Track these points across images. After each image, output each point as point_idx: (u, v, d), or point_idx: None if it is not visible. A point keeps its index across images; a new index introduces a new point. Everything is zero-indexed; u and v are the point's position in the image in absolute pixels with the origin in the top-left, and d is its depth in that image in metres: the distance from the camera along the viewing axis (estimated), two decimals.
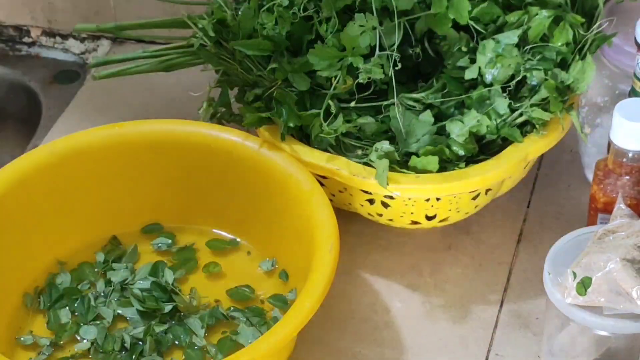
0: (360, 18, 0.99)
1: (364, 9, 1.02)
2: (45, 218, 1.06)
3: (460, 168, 1.00)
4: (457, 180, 0.98)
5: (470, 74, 1.01)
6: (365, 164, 0.99)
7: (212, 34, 1.03)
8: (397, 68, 1.00)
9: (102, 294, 1.04)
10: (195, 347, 0.99)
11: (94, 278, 1.06)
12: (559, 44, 1.01)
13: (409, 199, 1.00)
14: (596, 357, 0.91)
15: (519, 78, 1.01)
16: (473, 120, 0.99)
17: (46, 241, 1.07)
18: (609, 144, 0.97)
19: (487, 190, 1.02)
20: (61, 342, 1.01)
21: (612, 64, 1.06)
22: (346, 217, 1.06)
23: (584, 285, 0.88)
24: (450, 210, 1.03)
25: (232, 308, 1.03)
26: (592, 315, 0.88)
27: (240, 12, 1.03)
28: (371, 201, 1.02)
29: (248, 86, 1.04)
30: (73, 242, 1.08)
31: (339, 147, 1.01)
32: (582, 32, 1.02)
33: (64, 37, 1.38)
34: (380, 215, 1.03)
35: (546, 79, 1.00)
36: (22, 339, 1.01)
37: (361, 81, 1.00)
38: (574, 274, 0.89)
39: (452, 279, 1.06)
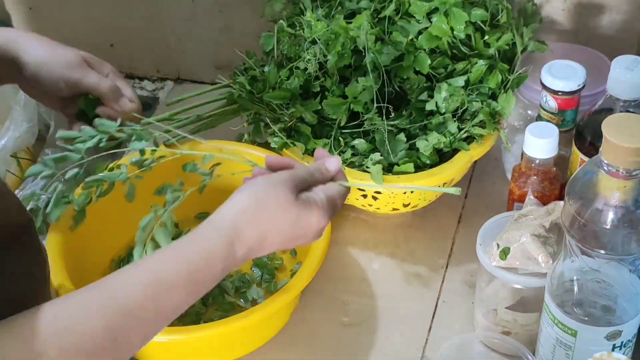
0: (362, 80, 1.00)
1: (358, 66, 1.02)
2: (130, 210, 1.04)
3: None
4: (427, 178, 0.99)
5: (429, 106, 1.02)
6: (363, 171, 0.99)
7: (248, 87, 1.03)
8: (391, 116, 1.00)
9: None
10: (227, 302, 0.99)
11: None
12: (492, 85, 1.01)
13: (392, 193, 1.00)
14: (513, 303, 0.91)
15: (464, 108, 1.01)
16: (435, 139, 0.99)
17: (129, 225, 1.05)
18: (522, 154, 0.97)
19: (444, 184, 1.02)
20: None
21: (525, 98, 1.06)
22: (344, 208, 1.06)
23: (504, 252, 0.88)
24: (419, 199, 1.03)
25: (253, 268, 1.03)
26: (510, 273, 0.88)
27: (266, 70, 1.04)
28: (364, 196, 1.02)
29: (273, 122, 1.03)
30: None
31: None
32: (507, 75, 1.02)
33: (141, 79, 1.38)
34: (370, 205, 1.03)
35: (482, 107, 1.00)
36: None
37: (367, 128, 1.00)
38: (498, 245, 0.89)
39: (414, 248, 1.06)
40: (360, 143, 1.00)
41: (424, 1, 1.02)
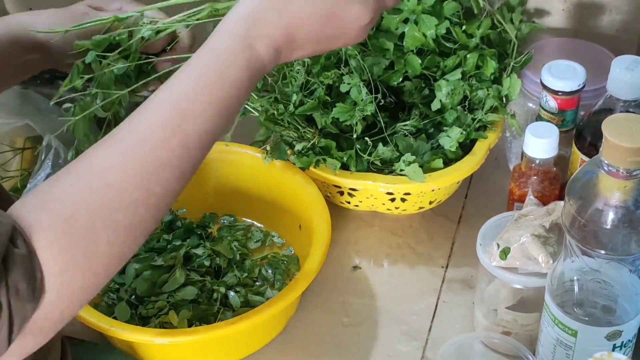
0: (347, 78, 1.00)
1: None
2: None
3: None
4: (456, 171, 1.00)
5: (435, 105, 1.02)
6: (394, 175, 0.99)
7: (272, 110, 1.02)
8: (381, 103, 1.00)
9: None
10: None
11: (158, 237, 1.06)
12: (489, 71, 1.02)
13: (421, 192, 1.00)
14: (513, 303, 0.91)
15: (473, 99, 1.01)
16: (458, 134, 1.00)
17: None
18: (522, 154, 0.97)
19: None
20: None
21: (524, 89, 1.06)
22: (343, 208, 1.05)
23: (504, 252, 0.88)
24: (444, 194, 1.04)
25: (265, 267, 1.03)
26: (510, 273, 0.88)
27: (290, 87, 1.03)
28: (392, 200, 1.02)
29: (295, 140, 1.02)
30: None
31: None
32: (497, 60, 1.03)
33: None
34: (397, 208, 1.03)
35: (488, 94, 1.00)
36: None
37: (358, 116, 1.00)
38: (498, 245, 0.89)
39: (414, 248, 1.06)
40: (385, 150, 1.00)
41: (393, 15, 1.02)
